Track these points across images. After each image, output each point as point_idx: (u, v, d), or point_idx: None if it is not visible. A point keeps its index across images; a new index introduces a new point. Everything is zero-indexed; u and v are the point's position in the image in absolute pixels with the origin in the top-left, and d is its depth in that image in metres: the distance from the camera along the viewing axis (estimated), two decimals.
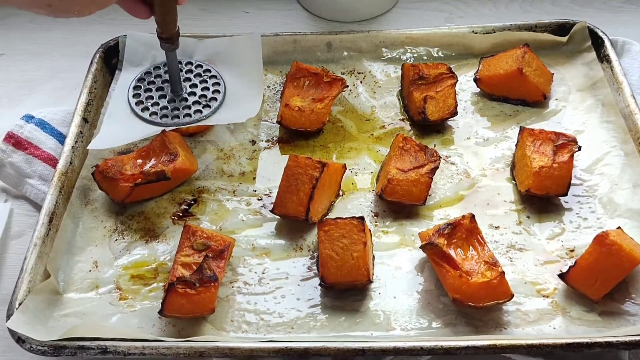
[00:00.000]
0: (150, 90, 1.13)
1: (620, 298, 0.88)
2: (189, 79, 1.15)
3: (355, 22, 1.29)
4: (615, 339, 0.82)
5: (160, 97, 1.13)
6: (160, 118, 1.10)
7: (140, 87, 1.14)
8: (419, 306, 0.89)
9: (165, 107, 1.11)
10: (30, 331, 0.84)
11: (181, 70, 1.14)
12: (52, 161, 1.07)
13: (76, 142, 1.06)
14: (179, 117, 1.10)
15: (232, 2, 1.36)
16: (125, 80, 1.16)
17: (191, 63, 1.17)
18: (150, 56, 1.18)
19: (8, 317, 0.86)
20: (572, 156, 0.98)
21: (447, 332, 0.86)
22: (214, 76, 1.15)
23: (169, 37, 1.03)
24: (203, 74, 1.16)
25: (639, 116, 1.04)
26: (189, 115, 1.10)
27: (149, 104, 1.11)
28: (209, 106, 1.11)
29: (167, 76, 1.13)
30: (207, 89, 1.14)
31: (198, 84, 1.14)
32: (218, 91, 1.13)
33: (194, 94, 1.13)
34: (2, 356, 0.89)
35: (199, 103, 1.11)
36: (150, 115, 1.10)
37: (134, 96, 1.13)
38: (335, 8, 1.29)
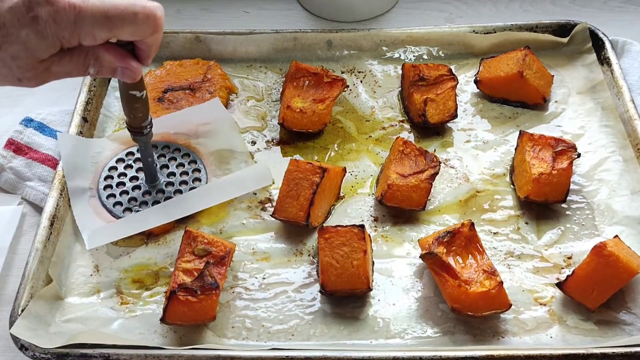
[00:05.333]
0: (124, 183, 1.03)
1: (616, 307, 0.90)
2: (166, 166, 1.05)
3: (355, 22, 1.28)
4: (611, 350, 0.83)
5: (134, 187, 1.02)
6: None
7: (112, 177, 1.04)
8: (417, 314, 0.90)
9: (145, 203, 1.01)
10: (32, 337, 0.85)
11: (163, 156, 1.06)
12: (50, 162, 1.07)
13: None
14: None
15: (232, 2, 1.35)
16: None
17: (168, 147, 1.07)
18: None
19: (11, 323, 0.86)
20: (571, 163, 0.98)
21: (445, 340, 0.87)
22: (193, 161, 1.06)
23: (137, 128, 0.93)
24: (181, 159, 1.06)
25: (638, 122, 1.05)
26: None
27: (124, 198, 1.01)
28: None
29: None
30: (186, 173, 1.04)
31: (176, 171, 1.04)
32: (199, 179, 1.04)
33: (172, 184, 1.03)
34: None
35: (180, 192, 1.02)
36: (123, 211, 1.00)
37: (104, 188, 1.02)
38: (336, 8, 1.29)
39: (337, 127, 1.12)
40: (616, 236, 0.91)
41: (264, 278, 0.94)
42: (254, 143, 1.10)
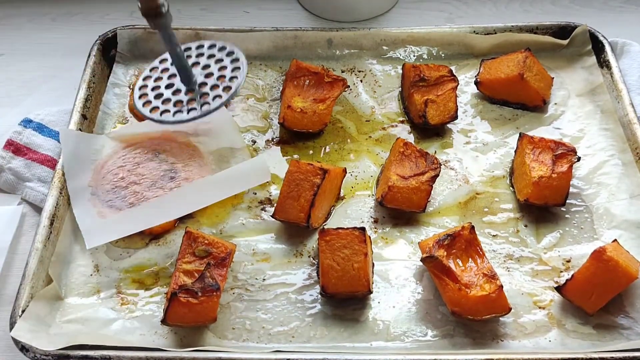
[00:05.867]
0: (159, 87, 0.97)
1: (614, 311, 0.90)
2: (207, 65, 0.97)
3: (355, 22, 1.28)
4: (609, 355, 0.84)
5: (174, 92, 0.96)
6: (174, 115, 0.93)
7: (147, 86, 0.98)
8: (417, 316, 0.91)
9: (180, 101, 0.95)
10: (33, 339, 0.85)
11: (199, 55, 0.98)
12: (49, 162, 1.07)
13: None
14: (195, 109, 0.93)
15: (232, 2, 1.35)
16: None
17: (202, 46, 0.99)
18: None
19: (12, 324, 0.86)
20: (571, 167, 0.98)
21: (445, 344, 0.88)
22: (232, 54, 0.97)
23: (154, 9, 0.85)
24: (218, 53, 0.98)
25: (637, 126, 1.05)
26: (208, 103, 0.93)
27: (159, 102, 0.96)
28: (230, 87, 0.94)
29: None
30: (225, 67, 0.96)
31: (213, 66, 0.97)
32: (238, 67, 0.95)
33: (211, 74, 0.96)
34: None
35: (217, 87, 0.94)
36: (161, 114, 0.94)
37: (140, 97, 0.97)
38: (336, 8, 1.28)
39: (337, 127, 1.12)
40: (615, 240, 0.92)
41: (264, 279, 0.94)
42: (254, 142, 1.10)
